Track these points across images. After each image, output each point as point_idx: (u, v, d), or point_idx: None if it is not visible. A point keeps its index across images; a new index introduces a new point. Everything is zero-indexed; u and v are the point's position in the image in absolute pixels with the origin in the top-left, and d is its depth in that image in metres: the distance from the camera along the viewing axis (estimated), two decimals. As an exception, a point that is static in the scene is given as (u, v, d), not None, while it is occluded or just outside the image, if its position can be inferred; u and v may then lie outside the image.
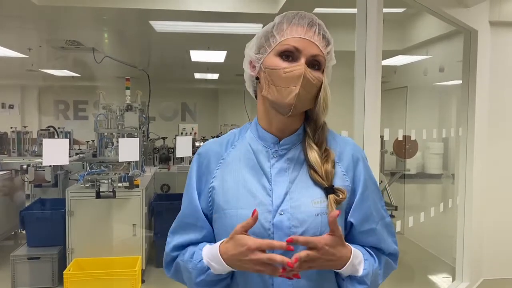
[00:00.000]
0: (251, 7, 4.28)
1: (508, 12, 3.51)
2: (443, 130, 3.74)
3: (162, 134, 6.75)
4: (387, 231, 1.11)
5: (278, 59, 1.01)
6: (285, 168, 1.05)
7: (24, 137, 5.90)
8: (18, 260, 3.71)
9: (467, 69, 3.37)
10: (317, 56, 1.00)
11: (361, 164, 1.09)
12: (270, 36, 1.03)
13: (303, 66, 0.98)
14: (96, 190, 3.84)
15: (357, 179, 1.07)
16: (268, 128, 1.08)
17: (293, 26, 1.01)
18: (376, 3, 2.17)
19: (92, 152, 4.71)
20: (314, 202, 1.01)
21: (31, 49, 6.18)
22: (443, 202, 3.73)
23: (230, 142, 1.13)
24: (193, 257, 1.03)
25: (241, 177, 1.05)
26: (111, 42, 6.02)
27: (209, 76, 9.41)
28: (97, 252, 3.82)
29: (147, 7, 4.18)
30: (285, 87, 0.99)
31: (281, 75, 0.99)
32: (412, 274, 4.49)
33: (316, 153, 1.05)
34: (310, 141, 1.07)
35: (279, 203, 1.02)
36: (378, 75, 2.21)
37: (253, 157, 1.08)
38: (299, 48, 0.99)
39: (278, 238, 0.99)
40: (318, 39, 1.01)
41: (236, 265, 0.96)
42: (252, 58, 1.06)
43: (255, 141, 1.10)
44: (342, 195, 1.02)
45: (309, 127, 1.08)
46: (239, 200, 1.03)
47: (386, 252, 1.10)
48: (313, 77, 0.99)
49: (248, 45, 1.09)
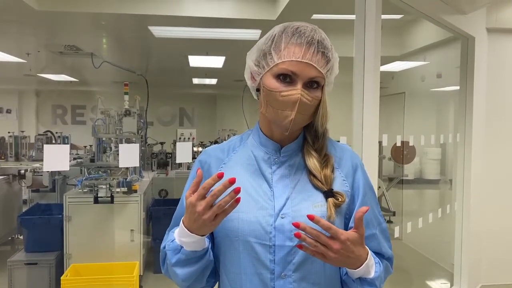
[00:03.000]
0: (250, 13, 4.30)
1: (504, 19, 3.54)
2: (441, 136, 3.75)
3: (160, 139, 6.75)
4: (384, 236, 1.12)
5: (275, 81, 0.99)
6: (286, 174, 1.06)
7: (22, 142, 5.88)
8: (15, 265, 3.68)
9: (464, 75, 3.38)
10: (315, 77, 0.99)
11: (359, 170, 1.10)
12: (268, 53, 1.01)
13: (299, 91, 0.96)
14: (94, 195, 3.83)
15: (356, 185, 1.08)
16: (270, 135, 1.09)
17: (291, 46, 0.98)
18: (374, 9, 2.18)
19: (90, 157, 4.69)
20: (315, 206, 1.02)
21: (30, 54, 6.18)
22: (441, 207, 3.74)
23: (231, 147, 1.14)
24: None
25: (243, 182, 1.05)
26: (110, 47, 6.03)
27: (208, 81, 9.43)
28: (94, 257, 3.81)
29: (146, 12, 4.19)
30: (281, 110, 0.99)
31: (278, 98, 0.98)
32: (410, 280, 4.48)
33: (315, 159, 1.06)
34: (310, 148, 1.07)
35: (281, 207, 1.02)
36: (376, 81, 2.22)
37: (254, 163, 1.08)
38: (296, 72, 0.97)
39: (280, 241, 1.00)
40: (317, 60, 0.98)
41: (199, 229, 0.94)
42: (253, 70, 1.06)
43: (256, 147, 1.10)
44: (341, 198, 1.03)
45: (309, 135, 1.08)
46: (241, 204, 1.02)
47: (385, 256, 1.11)
48: (310, 99, 0.98)
49: (249, 54, 1.08)
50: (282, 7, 3.93)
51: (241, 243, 1.02)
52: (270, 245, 1.00)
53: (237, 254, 1.03)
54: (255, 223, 1.01)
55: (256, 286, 1.01)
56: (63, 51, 5.85)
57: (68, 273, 3.60)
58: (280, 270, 1.00)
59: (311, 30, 1.01)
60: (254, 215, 1.01)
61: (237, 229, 1.02)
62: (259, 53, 1.04)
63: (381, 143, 3.08)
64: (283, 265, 1.00)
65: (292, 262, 1.00)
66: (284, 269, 1.00)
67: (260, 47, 1.04)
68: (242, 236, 1.01)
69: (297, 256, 1.00)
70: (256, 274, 1.01)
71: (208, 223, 0.92)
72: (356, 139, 2.23)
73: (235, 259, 1.03)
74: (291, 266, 1.00)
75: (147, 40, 5.45)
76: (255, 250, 1.01)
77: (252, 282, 1.02)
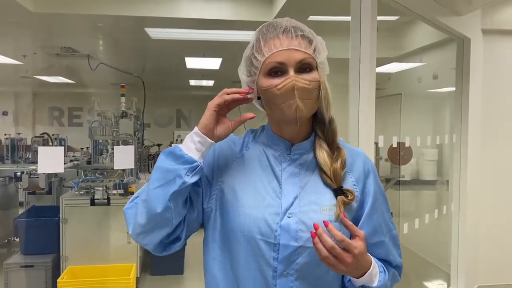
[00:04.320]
0: (246, 14, 4.31)
1: (499, 20, 3.56)
2: (437, 137, 3.76)
3: (157, 141, 6.76)
4: (393, 244, 1.10)
5: (268, 79, 1.00)
6: (296, 173, 1.06)
7: (18, 144, 5.86)
8: (11, 268, 3.67)
9: (460, 76, 3.40)
10: (303, 59, 0.99)
11: (371, 176, 1.09)
12: (253, 58, 1.02)
13: (292, 77, 0.97)
14: (90, 198, 3.82)
15: (366, 191, 1.07)
16: (280, 134, 1.08)
17: (270, 41, 1.00)
18: (370, 11, 2.19)
19: (87, 159, 4.68)
20: (323, 209, 1.01)
21: (26, 56, 6.17)
22: (437, 208, 3.74)
23: (245, 142, 1.13)
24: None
25: (252, 178, 1.06)
26: (106, 49, 6.02)
27: (204, 83, 9.42)
28: (91, 259, 3.80)
29: (143, 14, 4.19)
30: (283, 103, 0.99)
31: (276, 93, 0.99)
32: (407, 281, 4.48)
33: (326, 153, 1.05)
34: (321, 141, 1.07)
35: (288, 206, 1.02)
36: (372, 82, 2.23)
37: (265, 160, 1.08)
38: (283, 62, 0.98)
39: (285, 240, 0.99)
40: (298, 43, 0.99)
41: (209, 118, 1.01)
42: (247, 81, 1.06)
43: (267, 145, 1.10)
44: (351, 195, 1.02)
45: (318, 127, 1.08)
46: (248, 200, 1.03)
47: (393, 264, 1.10)
48: (307, 82, 0.98)
49: (239, 69, 1.08)
50: (278, 9, 3.94)
51: (246, 238, 1.01)
52: (274, 243, 1.00)
53: (242, 249, 1.02)
54: (261, 220, 1.01)
55: (258, 283, 1.01)
56: (59, 53, 5.84)
57: (64, 276, 3.59)
58: (282, 268, 1.00)
59: (283, 21, 1.03)
60: (260, 212, 1.01)
61: (243, 224, 1.01)
62: (246, 62, 1.06)
63: (377, 144, 3.09)
64: (286, 264, 1.00)
65: (296, 262, 1.00)
66: (287, 268, 1.00)
67: (245, 57, 1.06)
68: (247, 232, 1.01)
69: (301, 257, 1.00)
70: (259, 271, 1.01)
71: (208, 106, 1.00)
72: (353, 140, 2.23)
73: (240, 254, 1.03)
74: (294, 266, 1.00)
75: (144, 41, 5.45)
76: (259, 247, 1.00)
77: (254, 278, 1.02)
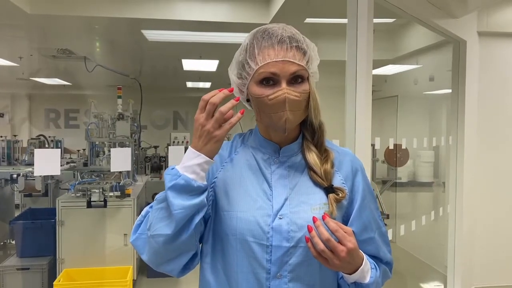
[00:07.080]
0: (243, 16, 4.31)
1: (495, 23, 3.58)
2: (434, 139, 3.77)
3: (154, 143, 6.73)
4: (383, 240, 1.12)
5: (260, 87, 1.00)
6: (285, 175, 1.07)
7: (14, 146, 5.85)
8: (7, 271, 3.66)
9: (456, 79, 3.41)
10: (296, 71, 0.99)
11: (360, 174, 1.11)
12: (245, 63, 1.02)
13: (284, 90, 0.97)
14: (87, 200, 3.81)
15: (355, 189, 1.09)
16: (268, 137, 1.10)
17: (264, 50, 0.99)
18: (366, 13, 2.19)
19: (83, 161, 4.67)
20: (313, 209, 1.03)
21: (22, 58, 6.15)
22: (434, 210, 3.76)
23: (234, 147, 1.14)
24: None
25: (243, 181, 1.07)
26: (103, 51, 6.01)
27: (201, 84, 9.42)
28: (88, 262, 3.79)
29: (139, 16, 4.18)
30: (273, 113, 1.00)
31: (267, 103, 0.99)
32: (404, 282, 4.49)
33: (315, 154, 1.07)
34: (309, 144, 1.08)
35: (279, 207, 1.03)
36: (368, 84, 2.23)
37: (255, 163, 1.09)
38: (276, 73, 0.98)
39: (277, 241, 1.00)
40: (292, 55, 0.99)
41: (206, 143, 0.96)
42: (237, 83, 1.06)
43: (256, 148, 1.11)
44: (341, 193, 1.04)
45: (306, 131, 1.09)
46: (239, 203, 1.04)
47: (384, 261, 1.12)
48: (298, 94, 0.99)
49: (230, 69, 1.09)
50: (275, 11, 3.94)
51: (238, 241, 1.02)
52: (267, 245, 1.01)
53: (234, 252, 1.03)
54: (253, 223, 1.01)
55: (252, 285, 1.02)
56: (56, 55, 5.82)
57: (61, 278, 3.57)
58: (276, 270, 1.01)
59: (279, 29, 1.02)
60: (252, 215, 1.02)
61: (235, 227, 1.02)
62: (238, 65, 1.05)
63: (374, 146, 3.11)
64: (279, 265, 1.01)
65: (289, 263, 1.01)
66: (280, 269, 1.01)
67: (237, 59, 1.06)
68: (240, 234, 1.02)
69: (294, 257, 1.01)
70: (252, 273, 1.02)
71: (214, 134, 0.95)
72: (349, 142, 2.24)
73: (232, 257, 1.03)
74: (287, 267, 1.01)
75: (140, 43, 5.44)
76: (252, 249, 1.01)
77: (248, 281, 1.02)
